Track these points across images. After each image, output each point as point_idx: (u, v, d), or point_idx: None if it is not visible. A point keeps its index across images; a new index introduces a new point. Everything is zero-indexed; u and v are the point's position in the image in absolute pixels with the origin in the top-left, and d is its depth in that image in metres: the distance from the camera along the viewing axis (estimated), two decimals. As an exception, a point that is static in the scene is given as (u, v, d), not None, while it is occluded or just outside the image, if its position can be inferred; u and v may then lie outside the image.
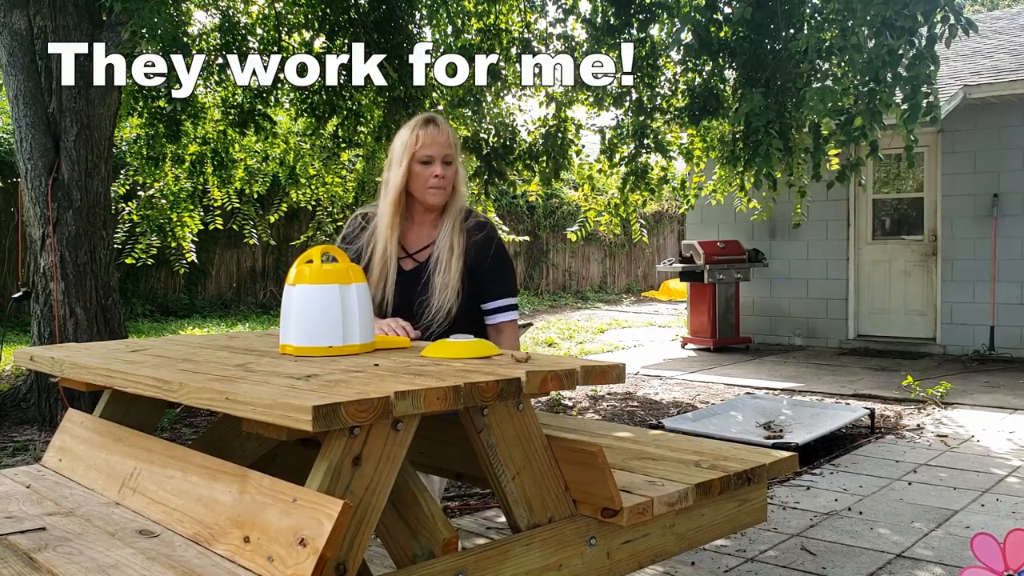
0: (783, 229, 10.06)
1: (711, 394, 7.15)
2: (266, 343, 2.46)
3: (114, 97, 6.05)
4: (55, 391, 5.75)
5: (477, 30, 8.00)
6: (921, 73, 5.13)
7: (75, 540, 1.73)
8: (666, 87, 7.81)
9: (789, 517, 3.95)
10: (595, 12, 7.50)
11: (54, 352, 2.38)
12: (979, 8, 25.14)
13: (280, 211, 10.43)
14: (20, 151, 5.87)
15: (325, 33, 7.65)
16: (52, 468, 2.30)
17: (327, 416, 1.46)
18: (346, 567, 1.55)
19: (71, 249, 5.82)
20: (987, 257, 8.94)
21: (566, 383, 1.84)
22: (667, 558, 2.17)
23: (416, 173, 2.71)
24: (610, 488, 1.90)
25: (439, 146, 2.70)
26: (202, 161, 8.29)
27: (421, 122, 2.74)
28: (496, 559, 1.79)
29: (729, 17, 6.32)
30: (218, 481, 1.74)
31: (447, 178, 2.70)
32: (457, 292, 2.67)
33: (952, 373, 7.92)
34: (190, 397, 1.74)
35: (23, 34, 5.82)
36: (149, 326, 12.08)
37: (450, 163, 2.72)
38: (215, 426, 2.49)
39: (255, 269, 14.87)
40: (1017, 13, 12.34)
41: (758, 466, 2.29)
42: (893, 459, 4.98)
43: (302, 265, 2.17)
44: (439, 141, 2.70)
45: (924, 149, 9.36)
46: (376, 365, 1.94)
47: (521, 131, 8.53)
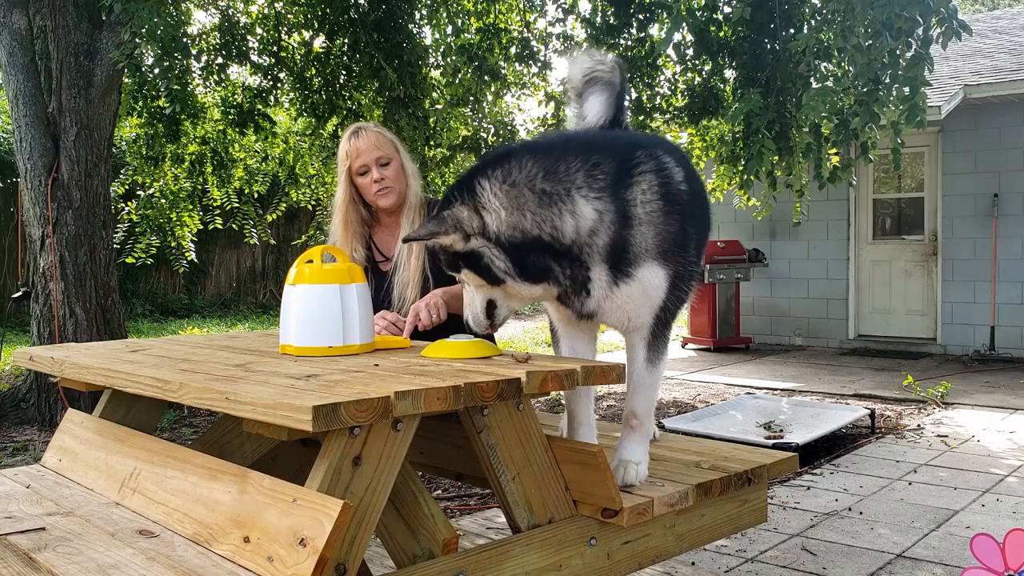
0: (783, 229, 10.05)
1: (711, 394, 7.15)
2: (266, 343, 2.46)
3: (114, 97, 6.05)
4: (55, 391, 5.75)
5: (477, 29, 8.00)
6: (919, 74, 5.14)
7: (75, 540, 1.73)
8: (665, 87, 7.81)
9: (789, 517, 3.94)
10: (595, 12, 7.50)
11: (54, 352, 2.38)
12: (979, 8, 25.14)
13: (280, 211, 10.44)
14: (20, 151, 5.87)
15: (325, 33, 7.66)
16: (52, 468, 2.30)
17: (327, 416, 1.46)
18: (346, 567, 1.55)
19: (71, 249, 5.82)
20: (987, 257, 8.94)
21: (566, 383, 1.84)
22: (667, 558, 2.17)
23: (360, 185, 2.82)
24: (610, 488, 1.90)
25: (368, 152, 2.78)
26: (202, 161, 8.29)
27: (347, 137, 2.84)
28: (496, 559, 1.79)
29: (729, 17, 6.32)
30: (218, 481, 1.74)
31: (388, 178, 2.78)
32: (419, 285, 2.77)
33: (952, 373, 7.91)
34: (190, 397, 1.74)
35: (23, 34, 5.82)
36: (149, 326, 12.08)
37: (387, 163, 2.80)
38: (215, 426, 2.49)
39: (255, 269, 14.87)
40: (1017, 13, 12.34)
41: (758, 466, 2.29)
42: (893, 459, 4.98)
43: (302, 265, 2.17)
44: (366, 148, 2.78)
45: (924, 149, 9.37)
46: (376, 365, 1.94)
47: (520, 130, 8.53)
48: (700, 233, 2.13)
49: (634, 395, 2.13)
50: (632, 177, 1.96)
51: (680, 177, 2.04)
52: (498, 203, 1.90)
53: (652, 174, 1.98)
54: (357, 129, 2.84)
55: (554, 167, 1.94)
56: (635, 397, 2.13)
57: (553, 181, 1.92)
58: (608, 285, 1.98)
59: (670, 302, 2.06)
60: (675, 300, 2.07)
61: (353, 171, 2.80)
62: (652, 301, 2.03)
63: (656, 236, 1.98)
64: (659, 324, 2.08)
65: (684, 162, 2.14)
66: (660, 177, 1.99)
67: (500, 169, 1.95)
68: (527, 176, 1.93)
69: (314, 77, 7.91)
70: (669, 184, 2.00)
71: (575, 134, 2.34)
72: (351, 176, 2.81)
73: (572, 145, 2.03)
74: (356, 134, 2.81)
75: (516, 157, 1.98)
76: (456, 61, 7.92)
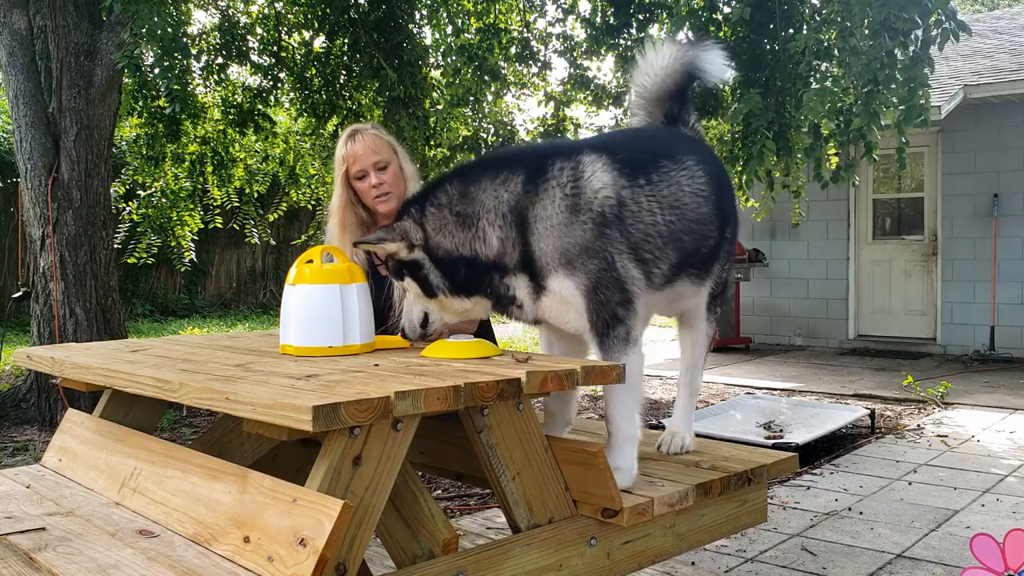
0: (783, 229, 10.05)
1: (711, 394, 7.15)
2: (266, 343, 2.46)
3: (114, 97, 6.05)
4: (55, 391, 5.75)
5: (477, 29, 8.01)
6: (918, 75, 5.14)
7: (75, 540, 1.73)
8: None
9: (789, 517, 3.94)
10: (595, 12, 7.50)
11: (54, 352, 2.38)
12: (979, 8, 25.13)
13: (280, 210, 10.44)
14: (20, 151, 5.87)
15: (325, 33, 7.66)
16: (52, 468, 2.30)
17: (327, 416, 1.46)
18: (346, 567, 1.55)
19: (71, 249, 5.82)
20: (987, 257, 8.94)
21: (566, 383, 1.84)
22: (667, 558, 2.17)
23: (358, 189, 2.79)
24: (610, 488, 1.90)
25: (366, 157, 2.74)
26: (202, 160, 8.29)
27: (344, 140, 2.81)
28: (496, 559, 1.79)
29: (728, 17, 6.32)
30: (218, 481, 1.74)
31: (387, 183, 2.75)
32: None
33: (952, 373, 7.91)
34: (190, 397, 1.74)
35: (23, 34, 5.82)
36: (149, 326, 12.08)
37: (385, 167, 2.76)
38: (215, 426, 2.49)
39: (255, 269, 14.87)
40: (1017, 13, 12.34)
41: (758, 466, 2.29)
42: (893, 459, 4.98)
43: (302, 265, 2.17)
44: (364, 153, 2.74)
45: (924, 149, 9.36)
46: (376, 365, 1.94)
47: (520, 130, 8.53)
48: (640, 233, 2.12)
49: (606, 399, 2.16)
50: (538, 191, 2.07)
51: (599, 184, 2.07)
52: (434, 221, 2.11)
53: (557, 188, 2.06)
54: (354, 132, 2.80)
55: (466, 189, 2.11)
56: (606, 402, 2.16)
57: (466, 203, 2.09)
58: (531, 296, 2.11)
59: (599, 307, 2.07)
60: (603, 304, 2.07)
61: (351, 175, 2.76)
62: (576, 308, 2.09)
63: (561, 247, 2.05)
64: (606, 327, 2.08)
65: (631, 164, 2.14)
66: (569, 189, 2.06)
67: (440, 188, 2.15)
68: (449, 198, 2.12)
69: (314, 77, 7.91)
70: (579, 195, 2.06)
71: (501, 150, 2.48)
72: (348, 180, 2.78)
73: (487, 164, 2.23)
74: (353, 137, 2.78)
75: (450, 178, 2.19)
76: (456, 61, 7.93)
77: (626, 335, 2.09)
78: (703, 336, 2.48)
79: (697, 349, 2.49)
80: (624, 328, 2.08)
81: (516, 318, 2.18)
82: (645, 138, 2.50)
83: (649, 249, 2.13)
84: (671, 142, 2.37)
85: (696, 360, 2.51)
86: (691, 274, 2.29)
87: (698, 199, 2.25)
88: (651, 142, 2.39)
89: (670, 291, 2.27)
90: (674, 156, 2.27)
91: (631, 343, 2.10)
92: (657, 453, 2.42)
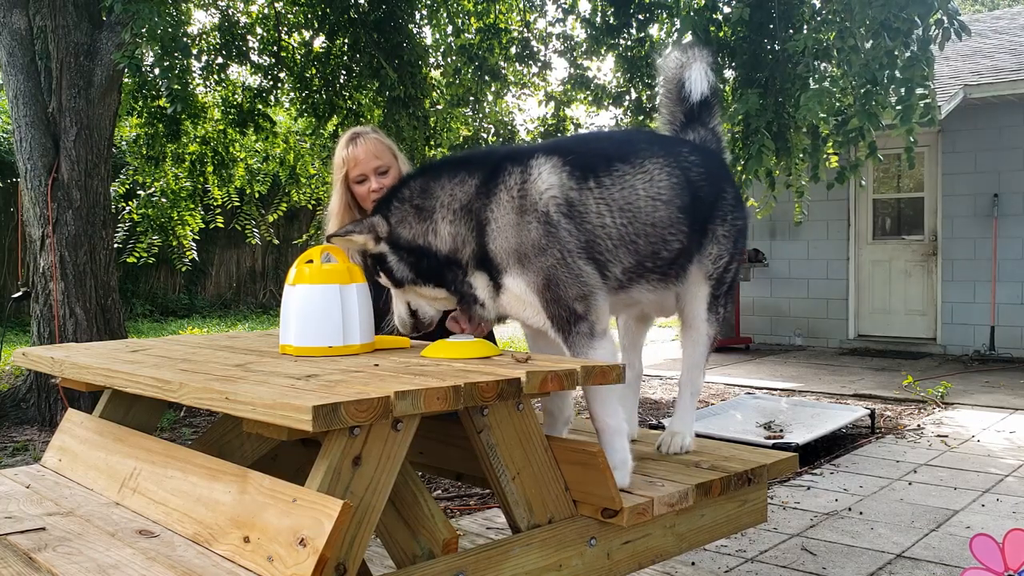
0: (783, 229, 10.06)
1: (711, 394, 7.15)
2: (266, 343, 2.46)
3: (114, 97, 6.05)
4: (55, 391, 5.75)
5: (477, 29, 8.01)
6: (916, 75, 5.13)
7: (75, 540, 1.73)
8: (666, 87, 7.80)
9: (789, 517, 3.94)
10: (595, 12, 7.50)
11: (54, 352, 2.38)
12: (979, 8, 25.13)
13: (281, 210, 10.44)
14: (20, 151, 5.87)
15: (325, 33, 7.66)
16: (52, 468, 2.30)
17: (327, 416, 1.46)
18: (346, 567, 1.55)
19: (71, 249, 5.82)
20: (987, 257, 8.94)
21: (566, 383, 1.84)
22: (667, 558, 2.17)
23: (358, 193, 2.79)
24: (610, 488, 1.90)
25: (366, 161, 2.75)
26: (202, 160, 8.30)
27: (344, 143, 2.81)
28: (496, 559, 1.79)
29: (728, 17, 6.33)
30: (218, 481, 1.74)
31: (387, 187, 2.72)
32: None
33: (952, 373, 7.91)
34: (190, 397, 1.74)
35: (23, 34, 5.82)
36: (149, 326, 12.08)
37: (385, 172, 2.77)
38: (215, 426, 2.49)
39: (255, 269, 14.87)
40: (1017, 13, 12.33)
41: (758, 466, 2.29)
42: (893, 459, 4.98)
43: (302, 265, 2.17)
44: (365, 157, 2.75)
45: (924, 149, 9.36)
46: (376, 365, 1.94)
47: (520, 130, 8.53)
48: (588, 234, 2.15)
49: (586, 397, 2.15)
50: (489, 194, 2.14)
51: (544, 186, 2.13)
52: (397, 214, 2.20)
53: (505, 191, 2.14)
54: (355, 136, 2.79)
55: (428, 185, 2.20)
56: (586, 400, 2.15)
57: (425, 197, 2.18)
58: (491, 294, 2.17)
59: (555, 303, 2.11)
60: (558, 300, 2.10)
61: (351, 179, 2.76)
62: (531, 304, 2.14)
63: (512, 246, 2.11)
64: (567, 323, 2.12)
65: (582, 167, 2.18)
66: (516, 191, 2.13)
67: (406, 184, 2.25)
68: (411, 193, 2.21)
69: (314, 77, 7.92)
70: (525, 196, 2.12)
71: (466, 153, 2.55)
72: (348, 183, 2.77)
73: (450, 164, 2.30)
74: (354, 141, 2.77)
75: (416, 175, 2.29)
76: (456, 61, 7.93)
77: (589, 330, 2.12)
78: (704, 336, 2.49)
79: (698, 349, 2.50)
80: (587, 324, 2.12)
81: (480, 316, 2.23)
82: (603, 141, 2.57)
83: (600, 250, 2.17)
84: (634, 146, 2.36)
85: (697, 360, 2.51)
86: (653, 276, 2.30)
87: (655, 202, 2.26)
88: (608, 145, 2.42)
89: (632, 293, 2.29)
90: (630, 159, 2.28)
91: (596, 336, 2.13)
92: (657, 453, 2.42)
